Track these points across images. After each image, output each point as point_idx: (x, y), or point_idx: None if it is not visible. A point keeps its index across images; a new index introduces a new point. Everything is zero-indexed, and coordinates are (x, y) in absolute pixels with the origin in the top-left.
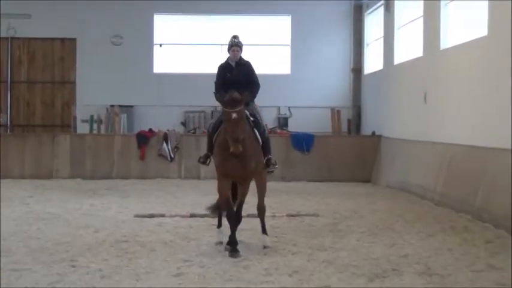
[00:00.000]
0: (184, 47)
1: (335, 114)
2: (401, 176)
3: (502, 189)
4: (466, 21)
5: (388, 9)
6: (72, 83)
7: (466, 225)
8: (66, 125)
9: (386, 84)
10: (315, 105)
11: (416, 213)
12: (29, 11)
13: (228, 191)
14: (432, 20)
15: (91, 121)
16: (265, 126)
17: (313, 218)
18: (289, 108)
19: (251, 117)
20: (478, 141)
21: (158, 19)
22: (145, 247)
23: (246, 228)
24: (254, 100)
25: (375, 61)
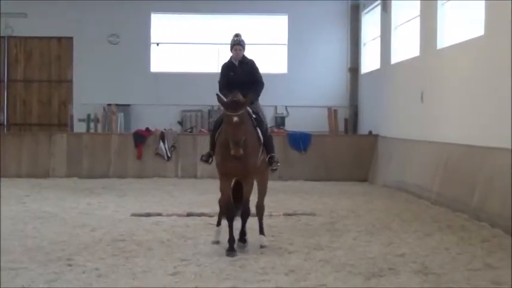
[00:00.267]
0: (181, 46)
1: (332, 113)
2: (398, 175)
3: (499, 188)
4: (462, 21)
5: (385, 8)
6: (69, 82)
7: (463, 224)
8: (63, 123)
9: (383, 83)
10: (312, 105)
11: (413, 213)
12: (25, 10)
13: (229, 190)
14: (429, 20)
15: (88, 120)
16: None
17: (310, 217)
18: (286, 107)
19: (254, 115)
20: (474, 141)
21: (155, 18)
22: (142, 246)
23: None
24: (258, 98)
25: (371, 60)
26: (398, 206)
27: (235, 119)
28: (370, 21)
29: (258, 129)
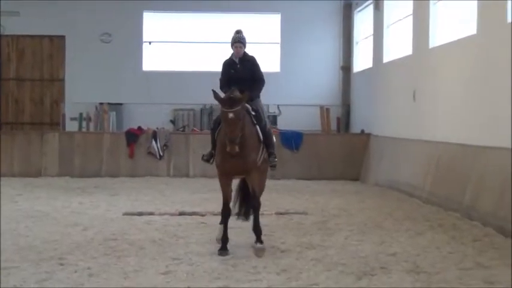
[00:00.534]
0: (173, 45)
1: (324, 112)
2: (390, 174)
3: (491, 187)
4: (455, 19)
5: (377, 7)
6: (61, 81)
7: (454, 223)
8: (55, 122)
9: (376, 82)
10: (304, 103)
11: (405, 211)
12: (17, 9)
13: (228, 189)
14: (421, 19)
15: (80, 119)
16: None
17: (302, 216)
18: (278, 106)
19: (253, 112)
20: (467, 140)
21: (147, 17)
22: (134, 245)
23: (233, 226)
24: (259, 95)
25: (364, 59)
26: (390, 205)
27: (230, 115)
28: (363, 20)
29: (258, 127)
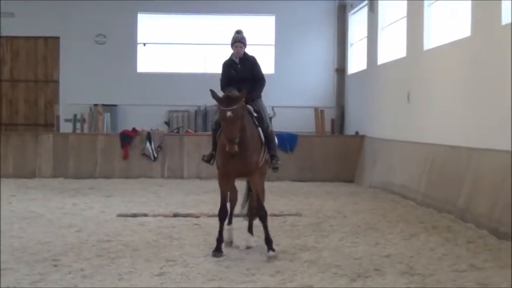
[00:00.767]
0: (168, 47)
1: (319, 114)
2: (384, 176)
3: (485, 189)
4: (449, 21)
5: (371, 9)
6: (55, 82)
7: (449, 225)
8: (49, 124)
9: (370, 84)
10: (298, 105)
11: (399, 213)
12: (12, 10)
13: (227, 191)
14: (415, 21)
15: (74, 120)
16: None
17: (296, 218)
18: (272, 108)
19: (255, 113)
20: (461, 142)
21: (142, 18)
22: (128, 247)
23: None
24: (260, 96)
25: (358, 61)
26: (385, 207)
27: (228, 113)
28: (357, 22)
29: (260, 129)
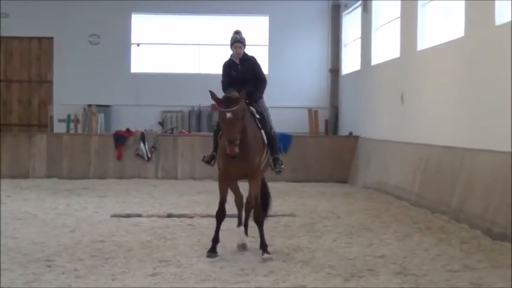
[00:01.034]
0: (161, 47)
1: (312, 114)
2: (378, 177)
3: (478, 190)
4: (442, 22)
5: (365, 9)
6: (49, 82)
7: (442, 225)
8: (43, 124)
9: (364, 84)
10: (292, 106)
11: (393, 214)
12: (6, 10)
13: (226, 192)
14: (409, 21)
15: (68, 121)
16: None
17: (290, 218)
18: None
19: (257, 115)
20: (454, 142)
21: (136, 18)
22: (122, 247)
23: (222, 228)
24: (262, 96)
25: (352, 62)
26: (378, 207)
27: (228, 115)
28: (351, 22)
29: (263, 132)
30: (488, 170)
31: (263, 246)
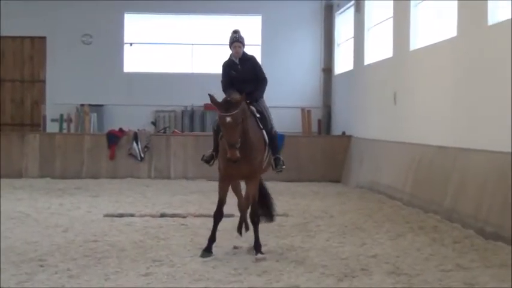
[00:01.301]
0: (154, 47)
1: (305, 114)
2: (371, 176)
3: (471, 189)
4: (435, 22)
5: (358, 9)
6: (42, 82)
7: (435, 225)
8: (35, 124)
9: (357, 84)
10: (285, 105)
11: (386, 214)
12: None
13: (226, 192)
14: (402, 21)
15: (61, 120)
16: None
17: (283, 218)
18: None
19: (258, 114)
20: (447, 142)
21: (128, 18)
22: (115, 247)
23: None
24: (263, 96)
25: (345, 61)
26: (371, 207)
27: (228, 119)
28: (344, 22)
29: (264, 131)
30: (481, 169)
31: (257, 246)
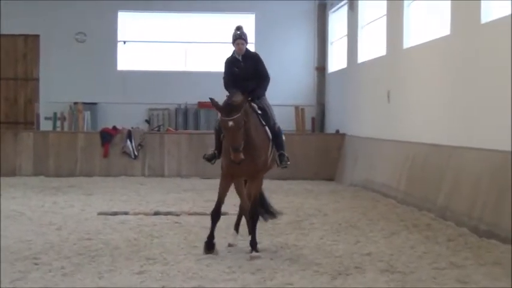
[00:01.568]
0: (148, 45)
1: (299, 112)
2: (365, 174)
3: (465, 187)
4: (429, 20)
5: (351, 7)
6: (35, 80)
7: (429, 223)
8: (29, 122)
9: (350, 82)
10: (279, 104)
11: (380, 212)
12: None
13: (226, 192)
14: (395, 19)
15: (54, 118)
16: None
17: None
18: None
19: (259, 111)
20: (440, 140)
21: (122, 16)
22: (109, 245)
23: (209, 226)
24: (265, 94)
25: (338, 60)
26: (365, 205)
27: (230, 123)
28: (337, 20)
29: (266, 128)
30: (474, 168)
31: (253, 243)
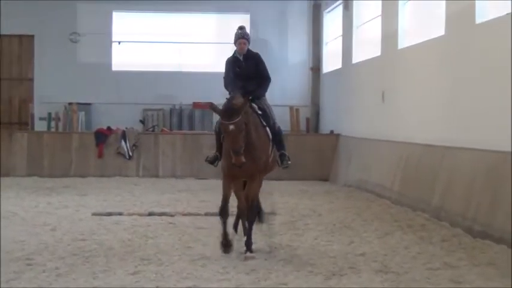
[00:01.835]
0: (142, 45)
1: (294, 112)
2: (359, 175)
3: (459, 188)
4: (423, 21)
5: (346, 8)
6: (30, 80)
7: (423, 223)
8: (23, 122)
9: (345, 83)
10: (273, 104)
11: (374, 212)
12: None
13: (230, 191)
14: (390, 20)
15: (49, 119)
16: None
17: (271, 217)
18: None
19: (259, 111)
20: (435, 140)
21: (117, 16)
22: (103, 245)
23: (204, 226)
24: (265, 94)
25: (333, 60)
26: (359, 206)
27: (231, 127)
28: (332, 21)
29: (267, 128)
30: (468, 168)
31: (249, 244)
